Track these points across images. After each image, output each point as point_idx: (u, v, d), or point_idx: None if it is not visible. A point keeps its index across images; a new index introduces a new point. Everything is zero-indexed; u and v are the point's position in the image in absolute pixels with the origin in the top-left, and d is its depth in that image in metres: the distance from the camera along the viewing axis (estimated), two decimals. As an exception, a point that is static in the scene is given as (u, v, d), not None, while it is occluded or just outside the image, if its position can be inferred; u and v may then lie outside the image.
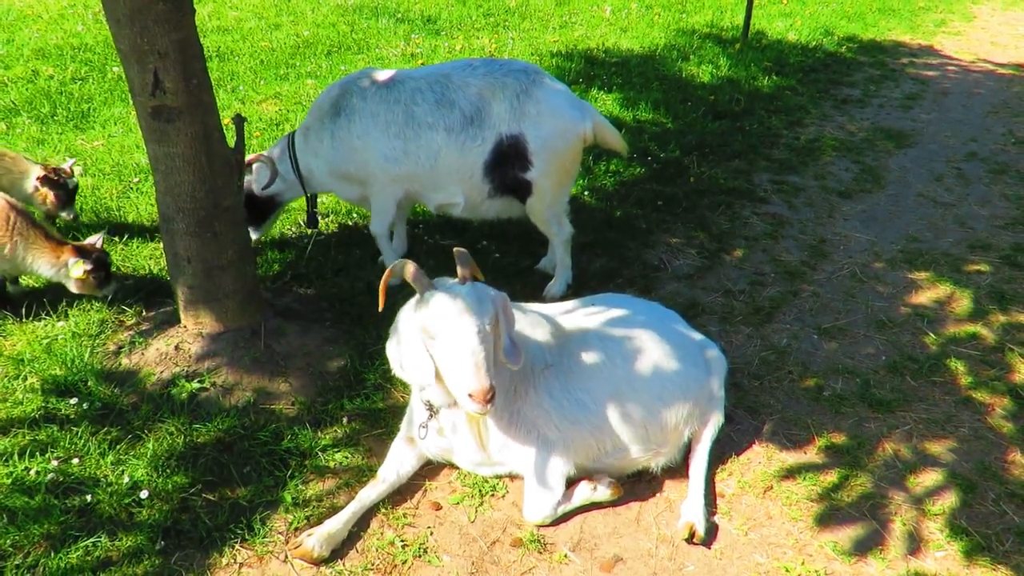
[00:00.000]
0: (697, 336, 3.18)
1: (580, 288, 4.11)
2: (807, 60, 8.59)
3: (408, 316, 2.60)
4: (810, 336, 3.96)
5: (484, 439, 2.75)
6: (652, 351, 2.89)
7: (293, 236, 4.53)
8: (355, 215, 4.77)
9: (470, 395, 2.38)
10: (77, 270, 3.46)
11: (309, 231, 4.47)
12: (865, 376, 3.66)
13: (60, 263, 3.50)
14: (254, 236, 4.13)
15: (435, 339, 2.44)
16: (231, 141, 3.30)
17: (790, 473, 3.06)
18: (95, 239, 3.65)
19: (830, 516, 2.87)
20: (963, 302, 4.28)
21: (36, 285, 3.85)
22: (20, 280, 3.81)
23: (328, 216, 4.73)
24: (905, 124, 7.06)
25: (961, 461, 3.17)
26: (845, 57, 8.96)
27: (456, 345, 2.40)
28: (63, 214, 4.10)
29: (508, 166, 3.61)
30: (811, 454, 3.18)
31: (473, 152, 3.59)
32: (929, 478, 3.08)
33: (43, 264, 3.51)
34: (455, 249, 2.59)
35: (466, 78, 3.60)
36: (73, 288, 3.57)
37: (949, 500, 2.97)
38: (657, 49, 8.42)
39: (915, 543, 2.78)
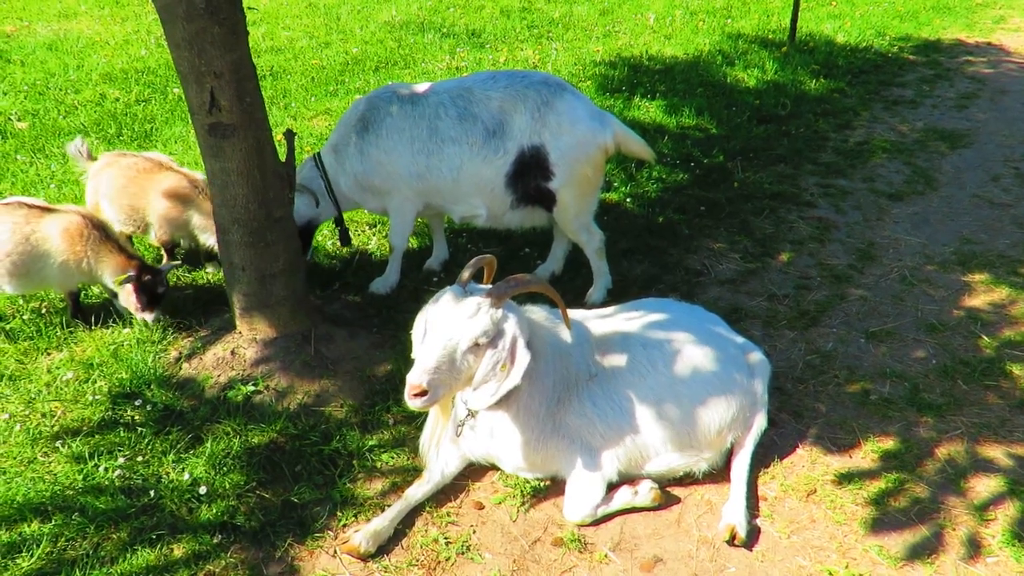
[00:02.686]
0: (740, 339, 3.18)
1: (622, 294, 4.14)
2: (857, 62, 8.43)
3: None
4: (857, 340, 3.90)
5: (435, 436, 2.79)
6: (694, 356, 2.90)
7: (342, 249, 4.67)
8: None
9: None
10: (116, 285, 3.65)
11: (344, 249, 4.59)
12: (914, 380, 3.59)
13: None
14: None
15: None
16: (283, 155, 3.46)
17: (835, 477, 3.03)
18: (165, 266, 3.79)
19: (876, 520, 2.84)
20: (1020, 305, 4.16)
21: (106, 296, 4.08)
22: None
23: (376, 226, 4.88)
24: (960, 124, 6.87)
25: (1016, 466, 3.08)
26: (897, 57, 8.77)
27: (419, 332, 2.58)
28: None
29: (530, 177, 3.67)
30: (856, 458, 3.14)
31: (495, 164, 3.66)
32: (981, 483, 3.01)
33: (108, 276, 3.69)
34: (486, 259, 2.67)
35: (488, 91, 3.67)
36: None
37: (1003, 506, 2.90)
38: (701, 55, 8.39)
39: (966, 548, 2.72)
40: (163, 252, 4.26)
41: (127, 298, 3.68)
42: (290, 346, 3.52)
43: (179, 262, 3.91)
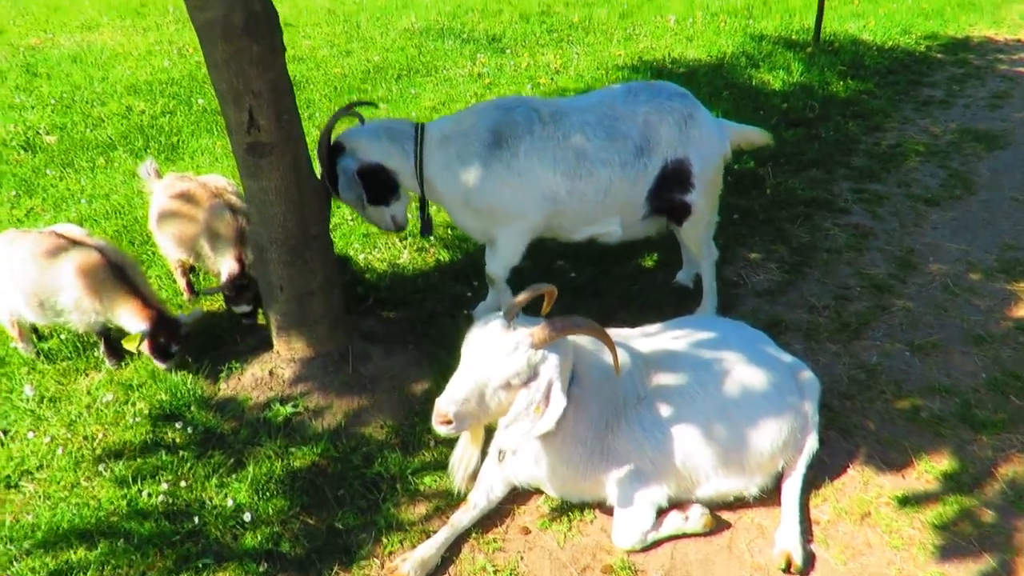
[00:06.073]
0: (788, 358, 3.10)
1: (659, 307, 4.08)
2: (884, 61, 8.31)
3: None
4: (902, 353, 3.82)
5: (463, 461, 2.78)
6: (744, 376, 2.84)
7: (376, 260, 4.65)
8: (431, 238, 4.87)
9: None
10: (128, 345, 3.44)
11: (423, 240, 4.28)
12: (964, 395, 3.50)
13: (141, 324, 3.43)
14: (394, 212, 3.69)
15: None
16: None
17: (889, 499, 2.95)
18: (188, 317, 3.54)
19: (937, 546, 2.75)
20: (1069, 315, 4.05)
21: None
22: None
23: (406, 239, 4.84)
24: (994, 124, 6.73)
25: (1077, 487, 2.99)
26: (925, 56, 8.63)
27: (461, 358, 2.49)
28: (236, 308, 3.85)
29: (668, 190, 3.61)
30: (910, 478, 3.06)
31: (641, 181, 3.57)
32: (1042, 505, 2.92)
33: (128, 321, 3.45)
34: (545, 287, 2.60)
35: (632, 107, 3.55)
36: None
37: (1066, 529, 2.81)
38: (725, 57, 8.30)
39: (1030, 575, 2.64)
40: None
41: (143, 347, 3.46)
42: (328, 365, 3.49)
43: (203, 311, 3.64)
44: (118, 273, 3.47)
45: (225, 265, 3.78)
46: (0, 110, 6.86)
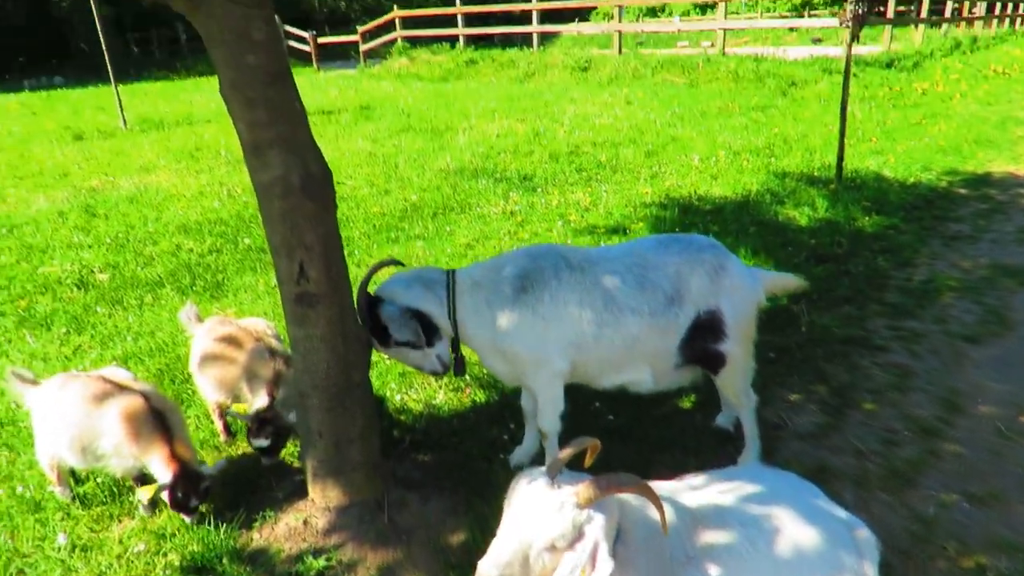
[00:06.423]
0: (842, 514, 2.97)
1: (698, 451, 3.99)
2: (908, 197, 8.49)
3: None
4: (960, 504, 3.64)
5: None
6: (797, 534, 2.71)
7: (412, 401, 4.66)
8: (467, 377, 4.89)
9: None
10: (143, 493, 3.43)
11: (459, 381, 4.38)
12: (1033, 553, 3.31)
13: (166, 474, 3.41)
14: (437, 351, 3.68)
15: None
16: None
17: (965, 675, 2.72)
18: (212, 468, 3.51)
19: None
20: None
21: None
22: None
23: (440, 379, 4.87)
24: (1025, 260, 6.76)
25: None
26: (948, 191, 8.81)
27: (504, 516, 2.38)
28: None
29: (701, 340, 3.61)
30: (985, 651, 2.84)
31: (672, 331, 3.56)
32: None
33: (156, 469, 3.45)
34: (589, 441, 2.56)
35: (663, 257, 3.60)
36: None
37: None
38: (750, 194, 8.56)
39: None
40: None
41: (164, 498, 3.43)
42: (363, 515, 3.43)
43: (227, 460, 3.65)
44: (158, 419, 3.49)
45: (257, 401, 3.83)
46: (59, 249, 7.25)
